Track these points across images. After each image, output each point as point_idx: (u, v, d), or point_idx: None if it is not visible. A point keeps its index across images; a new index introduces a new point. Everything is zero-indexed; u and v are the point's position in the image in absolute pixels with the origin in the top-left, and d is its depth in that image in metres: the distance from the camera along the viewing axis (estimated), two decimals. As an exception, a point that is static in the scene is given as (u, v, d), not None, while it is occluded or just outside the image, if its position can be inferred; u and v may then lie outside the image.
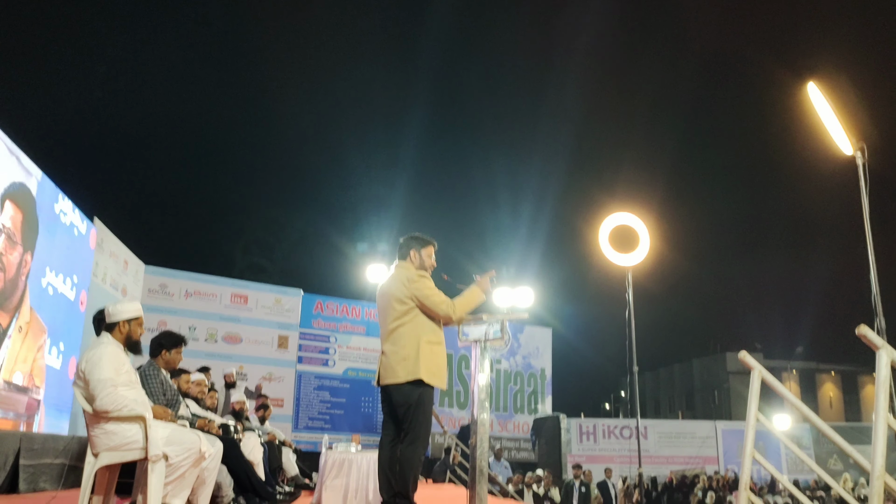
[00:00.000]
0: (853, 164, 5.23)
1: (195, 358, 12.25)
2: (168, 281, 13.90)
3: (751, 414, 3.73)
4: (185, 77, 67.53)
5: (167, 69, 65.41)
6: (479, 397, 4.70)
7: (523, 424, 17.92)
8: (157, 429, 3.87)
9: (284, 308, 15.00)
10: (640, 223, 8.08)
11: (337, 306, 15.81)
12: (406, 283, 4.30)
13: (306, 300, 15.38)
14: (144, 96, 63.67)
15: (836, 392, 46.69)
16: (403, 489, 4.11)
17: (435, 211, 67.11)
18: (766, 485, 17.34)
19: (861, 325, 3.00)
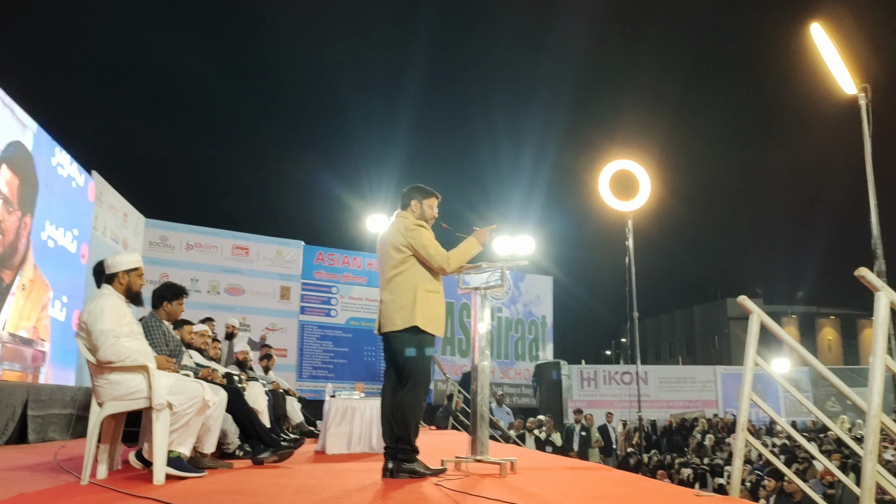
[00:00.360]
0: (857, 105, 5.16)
1: (198, 310, 12.30)
2: (169, 234, 13.89)
3: (749, 357, 3.76)
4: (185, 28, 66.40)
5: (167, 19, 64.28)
6: (479, 345, 4.74)
7: (524, 371, 18.11)
8: (161, 378, 3.90)
9: (286, 259, 15.02)
10: (640, 169, 8.02)
11: (338, 257, 15.82)
12: (403, 231, 4.29)
13: (307, 251, 15.39)
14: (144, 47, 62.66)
15: (835, 336, 47.05)
16: (405, 435, 4.16)
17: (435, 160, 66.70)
18: (765, 427, 17.59)
19: (861, 268, 3.00)
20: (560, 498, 3.30)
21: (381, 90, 77.02)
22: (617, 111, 76.51)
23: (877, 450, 2.86)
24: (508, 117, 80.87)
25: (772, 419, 3.96)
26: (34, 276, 8.38)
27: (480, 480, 4.02)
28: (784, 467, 4.57)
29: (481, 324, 4.75)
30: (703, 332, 48.13)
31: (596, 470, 5.31)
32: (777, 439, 15.64)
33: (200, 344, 6.37)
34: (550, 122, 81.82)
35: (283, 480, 4.07)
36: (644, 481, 4.61)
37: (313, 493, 3.45)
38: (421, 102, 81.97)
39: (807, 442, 4.36)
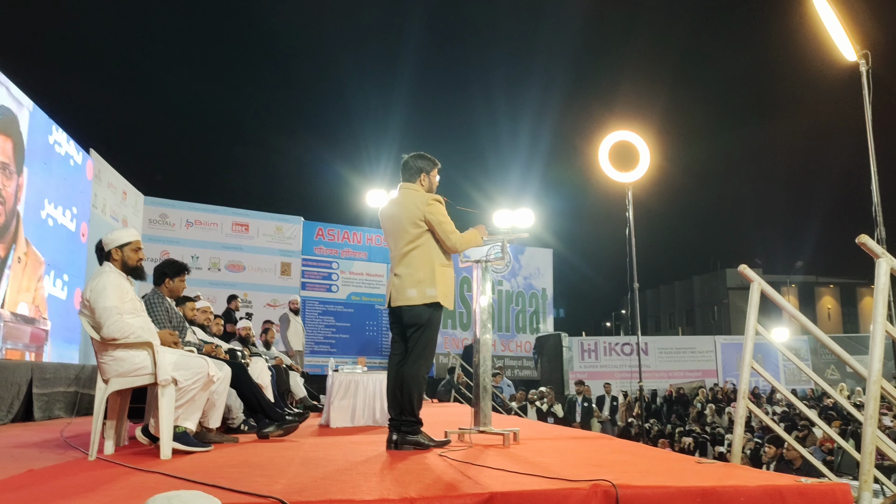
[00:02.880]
0: (858, 73, 5.13)
1: (199, 286, 12.35)
2: (168, 211, 13.89)
3: (750, 325, 3.77)
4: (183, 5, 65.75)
5: None
6: (480, 318, 4.76)
7: (525, 343, 18.20)
8: (165, 354, 3.92)
9: (286, 236, 15.04)
10: (639, 140, 7.99)
11: (338, 232, 15.84)
12: (421, 206, 4.25)
13: (307, 227, 15.40)
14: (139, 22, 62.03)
15: (834, 304, 47.23)
16: (409, 406, 4.19)
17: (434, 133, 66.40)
18: (765, 395, 17.72)
19: (861, 235, 3.00)
20: (563, 465, 3.34)
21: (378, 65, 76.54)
22: (616, 82, 76.08)
23: (877, 415, 2.89)
24: (507, 89, 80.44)
25: (772, 387, 3.99)
26: (27, 248, 8.37)
27: (484, 451, 4.06)
28: (784, 433, 4.62)
29: (482, 297, 4.77)
30: (702, 302, 48.30)
31: (598, 439, 5.36)
32: (777, 407, 15.76)
33: (203, 320, 6.41)
34: (549, 93, 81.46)
35: (289, 454, 4.11)
36: (645, 449, 4.65)
37: (319, 466, 3.48)
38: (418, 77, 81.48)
39: (807, 409, 4.40)
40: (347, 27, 76.20)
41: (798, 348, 21.49)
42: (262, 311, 13.71)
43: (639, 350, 8.65)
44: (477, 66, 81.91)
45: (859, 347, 17.86)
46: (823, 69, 8.77)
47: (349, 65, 77.30)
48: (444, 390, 12.70)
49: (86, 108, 47.38)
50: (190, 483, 2.83)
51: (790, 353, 4.31)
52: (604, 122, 23.47)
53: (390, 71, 79.55)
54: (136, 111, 62.61)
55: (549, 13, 79.40)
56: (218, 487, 2.66)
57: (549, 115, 69.58)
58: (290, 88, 76.00)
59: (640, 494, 2.58)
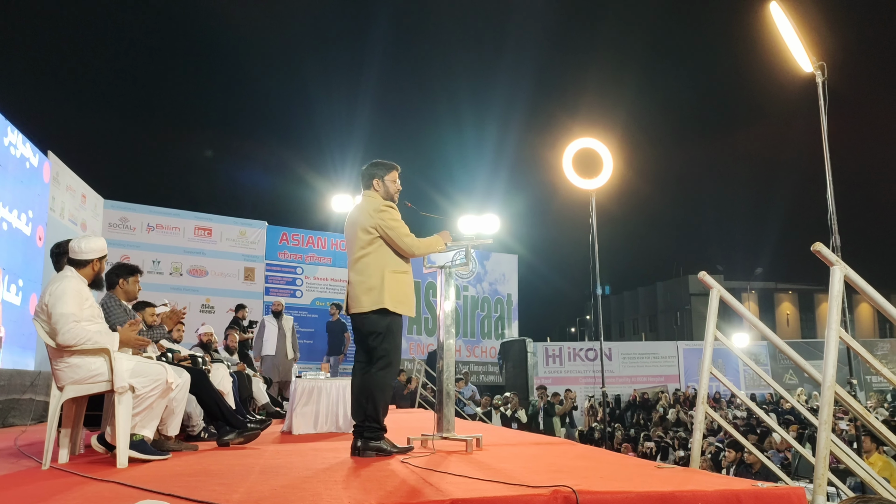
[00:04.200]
0: (814, 84, 5.25)
1: (161, 291, 12.19)
2: (129, 215, 13.66)
3: (709, 331, 3.83)
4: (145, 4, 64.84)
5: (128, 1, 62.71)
6: (445, 323, 4.76)
7: (491, 349, 18.23)
8: (123, 361, 3.85)
9: (249, 240, 14.89)
10: (603, 147, 8.07)
11: (303, 237, 15.73)
12: (372, 213, 4.28)
13: (271, 232, 15.27)
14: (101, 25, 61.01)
15: (793, 310, 48.15)
16: (374, 413, 4.17)
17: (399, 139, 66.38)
18: (726, 400, 17.97)
19: (816, 243, 3.06)
20: (524, 472, 3.34)
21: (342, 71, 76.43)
22: (580, 89, 76.89)
23: (830, 420, 2.94)
24: (472, 96, 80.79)
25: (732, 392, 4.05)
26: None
27: (447, 457, 4.05)
28: (742, 438, 4.68)
29: (447, 302, 4.77)
30: (665, 308, 48.90)
31: (560, 444, 5.38)
32: (738, 411, 15.99)
33: (164, 326, 6.29)
34: (514, 100, 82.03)
35: (250, 461, 4.05)
36: (607, 454, 4.68)
37: (280, 473, 3.44)
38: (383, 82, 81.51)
39: (765, 413, 4.46)
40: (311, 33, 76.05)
41: (758, 353, 21.84)
42: (226, 317, 13.54)
43: (602, 356, 8.72)
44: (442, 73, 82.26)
45: (816, 353, 18.19)
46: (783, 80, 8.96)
47: (313, 71, 77.15)
48: (406, 396, 12.68)
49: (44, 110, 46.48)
50: (145, 492, 2.77)
51: (747, 359, 4.38)
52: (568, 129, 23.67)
53: (354, 77, 79.51)
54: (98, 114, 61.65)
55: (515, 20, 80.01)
56: (174, 496, 2.62)
57: (514, 121, 70.06)
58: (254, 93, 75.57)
59: (599, 499, 2.59)
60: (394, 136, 65.71)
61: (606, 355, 20.11)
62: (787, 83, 6.08)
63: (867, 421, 3.29)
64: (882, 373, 3.33)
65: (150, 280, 13.19)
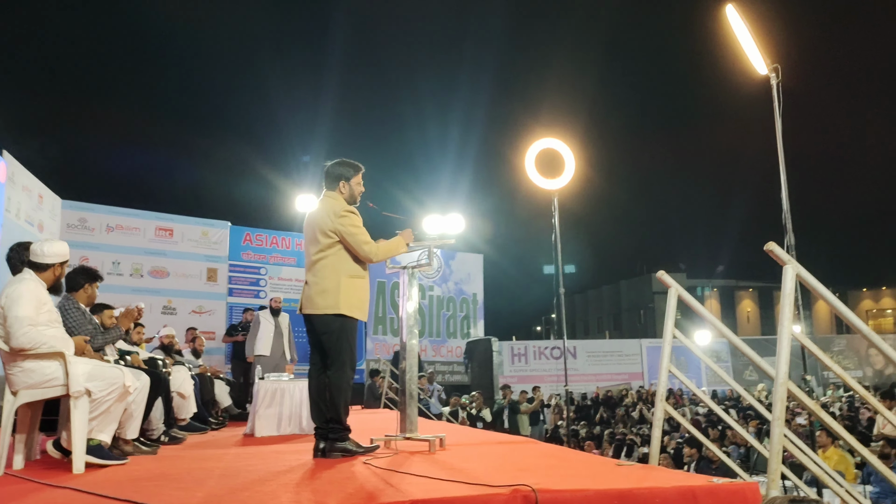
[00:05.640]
0: (769, 85, 5.36)
1: (121, 293, 11.97)
2: (88, 215, 13.40)
3: (667, 330, 3.89)
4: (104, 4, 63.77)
5: None
6: (407, 323, 4.76)
7: (456, 348, 18.26)
8: (79, 365, 3.79)
9: (212, 241, 14.70)
10: (565, 147, 8.13)
11: (266, 238, 15.58)
12: (333, 216, 4.25)
13: (234, 232, 15.09)
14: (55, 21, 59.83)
15: (753, 308, 49.00)
16: (335, 415, 4.16)
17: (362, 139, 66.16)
18: (688, 397, 18.22)
19: (769, 242, 3.13)
20: (486, 471, 3.36)
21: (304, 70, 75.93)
22: (541, 90, 77.25)
23: (783, 415, 3.00)
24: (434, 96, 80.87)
25: (690, 389, 4.13)
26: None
27: (409, 458, 4.05)
28: (700, 434, 4.76)
29: (409, 302, 4.78)
30: (629, 306, 49.43)
31: (524, 443, 5.42)
32: (700, 408, 16.24)
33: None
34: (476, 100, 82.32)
35: (210, 465, 4.02)
36: (570, 453, 4.73)
37: (240, 476, 3.42)
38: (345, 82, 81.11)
39: (723, 410, 4.54)
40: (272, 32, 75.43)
41: (719, 350, 22.22)
42: (188, 318, 13.37)
43: (566, 354, 8.80)
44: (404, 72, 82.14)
45: (774, 349, 18.53)
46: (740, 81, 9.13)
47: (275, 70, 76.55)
48: (370, 396, 12.64)
49: (-1, 109, 45.44)
50: (102, 498, 2.74)
51: (705, 356, 4.46)
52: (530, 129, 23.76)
53: (316, 76, 79.06)
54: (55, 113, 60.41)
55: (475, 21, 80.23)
56: (130, 502, 2.58)
57: (477, 121, 70.15)
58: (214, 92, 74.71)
59: (559, 498, 2.62)
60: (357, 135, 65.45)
61: (571, 353, 20.30)
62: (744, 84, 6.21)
63: (819, 416, 3.36)
64: (832, 368, 3.41)
65: (111, 282, 12.95)
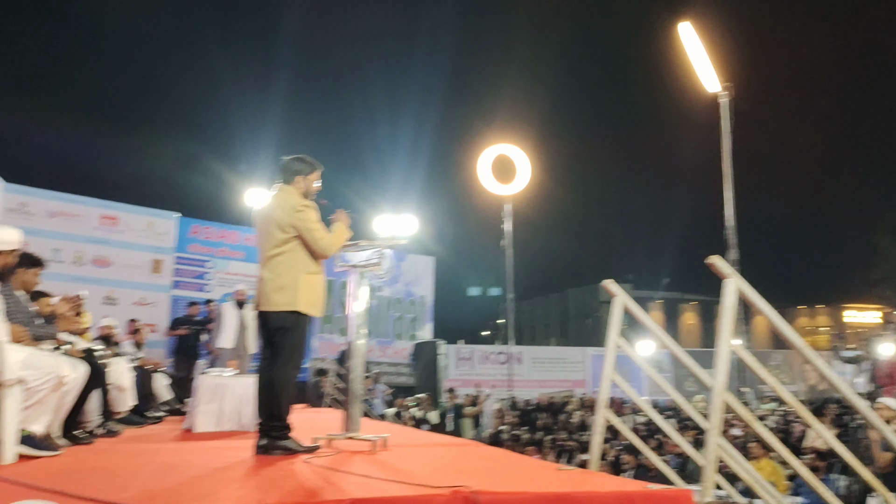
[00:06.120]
0: (719, 102, 5.49)
1: (61, 281, 11.63)
2: (29, 200, 13.01)
3: (611, 338, 3.95)
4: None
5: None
6: (355, 323, 4.74)
7: (403, 350, 18.25)
8: (13, 352, 3.68)
9: (158, 231, 14.40)
10: (519, 154, 8.20)
11: (215, 231, 15.34)
12: (290, 211, 4.19)
13: (182, 223, 14.82)
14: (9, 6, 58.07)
15: (695, 320, 50.08)
16: (278, 412, 4.12)
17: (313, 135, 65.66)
18: (630, 406, 18.51)
19: (712, 256, 3.21)
20: (427, 472, 3.37)
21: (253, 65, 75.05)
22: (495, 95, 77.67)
23: (720, 425, 3.08)
24: (386, 95, 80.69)
25: (631, 397, 4.21)
26: None
27: (351, 457, 4.04)
28: (640, 442, 4.85)
29: (357, 302, 4.75)
30: (576, 314, 50.04)
31: (466, 446, 5.45)
32: (641, 417, 16.50)
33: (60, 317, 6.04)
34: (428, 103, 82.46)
35: (145, 459, 3.94)
36: (511, 456, 4.77)
37: (176, 472, 3.36)
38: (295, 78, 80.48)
39: (664, 419, 4.63)
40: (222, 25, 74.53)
41: (661, 361, 22.59)
42: (130, 310, 13.07)
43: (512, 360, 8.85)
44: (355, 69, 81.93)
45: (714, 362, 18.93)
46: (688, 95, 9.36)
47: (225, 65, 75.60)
48: (314, 395, 12.55)
49: (-60, 85, 43.87)
50: (32, 489, 2.66)
51: (647, 365, 4.54)
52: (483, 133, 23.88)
53: (265, 71, 78.26)
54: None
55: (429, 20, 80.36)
56: (62, 494, 2.52)
57: (430, 122, 70.27)
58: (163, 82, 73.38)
59: (498, 500, 2.64)
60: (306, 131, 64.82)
61: (517, 359, 20.44)
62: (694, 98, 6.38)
63: (754, 428, 3.46)
64: (767, 381, 3.51)
65: (51, 269, 12.48)
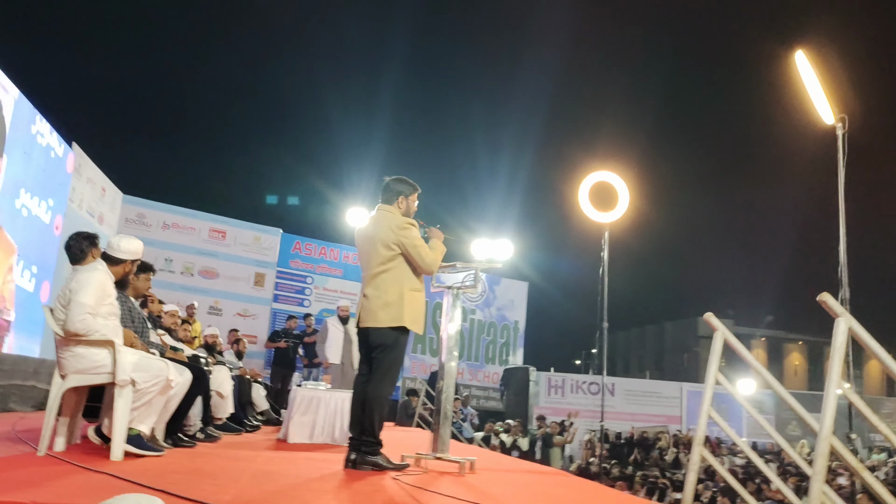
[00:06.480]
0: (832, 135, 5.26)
1: (171, 290, 12.27)
2: (146, 211, 13.79)
3: (710, 374, 3.82)
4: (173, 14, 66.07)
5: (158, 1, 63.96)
6: (447, 345, 4.77)
7: (493, 374, 18.16)
8: (126, 355, 3.89)
9: (263, 246, 14.96)
10: (619, 181, 8.09)
11: (316, 247, 15.79)
12: (395, 229, 4.29)
13: (285, 239, 15.34)
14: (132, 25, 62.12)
15: (801, 361, 47.67)
16: (370, 427, 4.17)
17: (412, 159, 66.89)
18: (727, 446, 17.77)
19: (823, 293, 3.06)
20: (514, 498, 3.34)
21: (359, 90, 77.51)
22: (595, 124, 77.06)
23: (824, 472, 2.93)
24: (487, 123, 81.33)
25: (730, 437, 4.04)
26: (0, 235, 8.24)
27: (438, 478, 4.05)
28: (738, 484, 4.64)
29: (451, 324, 4.78)
30: (672, 348, 48.56)
31: (555, 475, 5.36)
32: (738, 458, 15.81)
33: (170, 324, 6.35)
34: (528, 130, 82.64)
35: (243, 465, 4.07)
36: (601, 489, 4.66)
37: (271, 479, 3.46)
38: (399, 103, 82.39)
39: (763, 462, 4.43)
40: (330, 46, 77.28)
41: (763, 401, 21.63)
42: (233, 320, 13.60)
43: (604, 390, 8.68)
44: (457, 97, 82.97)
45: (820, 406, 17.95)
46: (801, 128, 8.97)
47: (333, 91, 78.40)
48: (403, 414, 12.63)
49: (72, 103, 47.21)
50: (136, 486, 2.80)
51: (748, 405, 4.36)
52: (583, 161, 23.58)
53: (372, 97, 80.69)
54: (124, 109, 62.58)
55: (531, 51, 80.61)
56: (165, 493, 2.64)
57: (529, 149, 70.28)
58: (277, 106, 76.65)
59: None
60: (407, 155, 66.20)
61: (609, 390, 20.00)
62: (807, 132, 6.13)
63: (863, 477, 3.26)
64: (880, 429, 3.31)
65: (162, 278, 13.26)
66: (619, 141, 62.18)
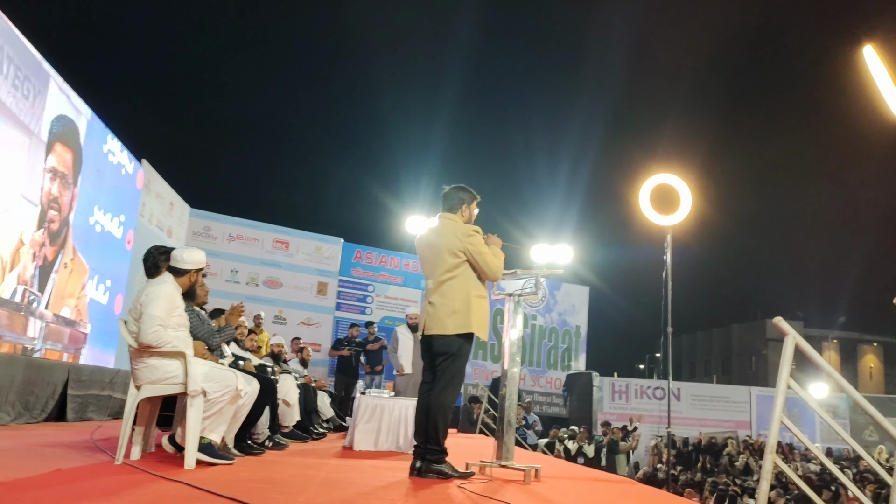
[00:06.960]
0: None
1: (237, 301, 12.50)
2: (212, 224, 14.17)
3: (781, 379, 3.72)
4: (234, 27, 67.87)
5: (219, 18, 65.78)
6: (510, 351, 4.76)
7: (556, 380, 18.03)
8: (197, 365, 4.00)
9: (324, 255, 15.20)
10: (681, 183, 7.94)
11: (376, 256, 15.96)
12: (461, 237, 4.31)
13: (346, 248, 15.55)
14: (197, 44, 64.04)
15: (877, 363, 45.87)
16: (435, 435, 4.18)
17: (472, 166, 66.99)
18: (800, 452, 17.24)
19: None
20: (582, 508, 3.31)
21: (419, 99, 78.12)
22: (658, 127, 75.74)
23: (907, 480, 2.81)
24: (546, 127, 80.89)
25: (803, 443, 3.92)
26: (74, 255, 8.58)
27: (504, 486, 4.04)
28: (812, 492, 4.50)
29: (513, 330, 4.78)
30: (740, 351, 47.34)
31: (621, 483, 5.28)
32: (812, 465, 15.32)
33: (238, 334, 6.50)
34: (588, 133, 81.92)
35: (311, 473, 4.14)
36: (668, 497, 4.58)
37: (339, 487, 3.51)
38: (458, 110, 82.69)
39: (839, 469, 4.29)
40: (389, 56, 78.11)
41: (836, 406, 20.93)
42: (297, 329, 13.85)
43: (669, 395, 8.53)
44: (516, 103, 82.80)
45: (900, 409, 17.30)
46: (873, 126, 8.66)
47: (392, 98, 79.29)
48: (465, 421, 12.63)
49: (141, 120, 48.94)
50: (210, 494, 2.87)
51: (821, 410, 4.23)
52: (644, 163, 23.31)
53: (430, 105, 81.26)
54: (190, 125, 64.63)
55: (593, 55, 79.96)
56: (237, 501, 2.70)
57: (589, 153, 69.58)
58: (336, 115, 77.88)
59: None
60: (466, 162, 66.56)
61: (675, 395, 19.63)
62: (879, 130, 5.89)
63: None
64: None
65: (228, 289, 13.64)
66: (682, 142, 61.19)
